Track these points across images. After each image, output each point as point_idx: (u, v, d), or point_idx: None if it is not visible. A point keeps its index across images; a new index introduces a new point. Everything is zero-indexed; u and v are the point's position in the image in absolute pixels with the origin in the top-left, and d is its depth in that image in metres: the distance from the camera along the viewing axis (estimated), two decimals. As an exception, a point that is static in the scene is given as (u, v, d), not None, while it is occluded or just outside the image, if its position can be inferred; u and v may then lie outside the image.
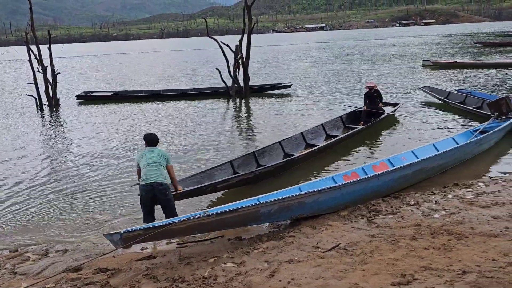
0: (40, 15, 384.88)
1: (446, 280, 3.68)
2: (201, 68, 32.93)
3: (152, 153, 5.73)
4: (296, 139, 9.59)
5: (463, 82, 18.30)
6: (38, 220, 6.58)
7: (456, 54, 32.79)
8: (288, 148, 9.13)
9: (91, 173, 8.72)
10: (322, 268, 4.14)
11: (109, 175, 8.54)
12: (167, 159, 5.81)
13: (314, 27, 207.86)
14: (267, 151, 8.79)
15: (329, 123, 10.77)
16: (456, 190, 6.54)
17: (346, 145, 9.68)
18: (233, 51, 17.50)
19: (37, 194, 7.66)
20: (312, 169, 8.32)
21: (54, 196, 7.53)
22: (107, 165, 9.17)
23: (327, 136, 10.22)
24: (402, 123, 11.43)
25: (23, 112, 16.45)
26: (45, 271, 4.90)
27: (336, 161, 8.78)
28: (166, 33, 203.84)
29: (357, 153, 9.36)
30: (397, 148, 9.16)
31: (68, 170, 9.02)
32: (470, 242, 4.51)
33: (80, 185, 8.05)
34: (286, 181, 7.28)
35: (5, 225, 6.44)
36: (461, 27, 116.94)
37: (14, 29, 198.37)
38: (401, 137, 10.30)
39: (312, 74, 24.76)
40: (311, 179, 7.31)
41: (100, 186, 7.90)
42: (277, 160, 8.32)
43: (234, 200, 5.66)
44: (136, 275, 4.37)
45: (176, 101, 17.49)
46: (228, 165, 7.86)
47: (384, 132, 10.82)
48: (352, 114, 11.56)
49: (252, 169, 7.85)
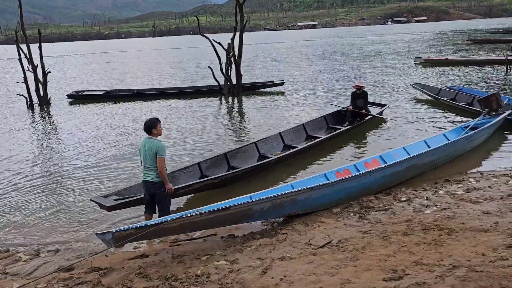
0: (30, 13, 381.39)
1: (437, 275, 3.72)
2: (193, 66, 32.83)
3: (145, 149, 5.56)
4: (273, 140, 9.15)
5: (454, 79, 18.44)
6: (29, 220, 6.53)
7: (447, 51, 33.00)
8: (264, 149, 8.71)
9: (83, 172, 8.66)
10: (315, 265, 4.16)
11: (100, 174, 8.49)
12: (157, 152, 5.46)
13: (306, 25, 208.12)
14: (241, 152, 8.37)
15: (311, 123, 10.32)
16: (447, 186, 6.59)
17: (331, 145, 9.44)
18: (225, 49, 17.46)
19: (27, 194, 7.60)
20: (290, 171, 8.05)
21: (44, 196, 7.47)
22: (99, 164, 9.11)
23: (307, 137, 9.77)
24: (391, 121, 11.29)
25: (13, 111, 16.28)
26: (36, 271, 4.87)
27: (319, 162, 8.58)
28: (158, 31, 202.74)
29: (342, 152, 9.19)
30: (388, 145, 9.17)
31: (59, 169, 8.96)
32: (461, 237, 4.56)
33: (71, 184, 8.00)
34: (260, 185, 6.97)
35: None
36: (452, 24, 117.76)
37: (4, 28, 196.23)
38: (391, 134, 10.31)
39: (305, 71, 24.79)
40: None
41: (91, 185, 7.85)
42: (250, 162, 7.89)
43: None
44: (129, 274, 4.36)
45: (168, 100, 17.42)
46: (196, 167, 7.42)
47: (373, 131, 10.70)
48: (337, 114, 11.16)
49: (223, 171, 7.42)
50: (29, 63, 16.27)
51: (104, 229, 5.58)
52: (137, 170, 8.03)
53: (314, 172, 7.32)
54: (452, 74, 20.08)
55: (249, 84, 18.65)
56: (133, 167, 8.56)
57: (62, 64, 41.92)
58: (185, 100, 17.04)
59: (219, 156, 8.05)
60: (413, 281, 3.64)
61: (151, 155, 5.49)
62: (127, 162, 9.08)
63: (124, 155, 9.67)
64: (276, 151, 8.82)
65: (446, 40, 49.08)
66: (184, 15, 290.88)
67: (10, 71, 34.37)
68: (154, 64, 38.99)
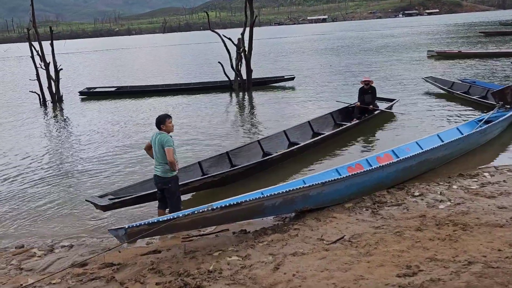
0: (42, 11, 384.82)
1: (452, 271, 3.67)
2: (203, 62, 32.85)
3: (155, 144, 5.57)
4: (277, 138, 8.99)
5: (468, 72, 18.16)
6: (43, 216, 6.60)
7: (460, 44, 32.53)
8: (268, 147, 8.53)
9: (96, 168, 8.73)
10: (327, 260, 4.13)
11: (113, 170, 8.55)
12: (163, 144, 5.42)
13: (316, 19, 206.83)
14: (244, 151, 8.22)
15: (317, 120, 10.11)
16: (461, 181, 6.50)
17: (341, 140, 9.28)
18: (235, 44, 17.41)
19: (41, 190, 7.68)
20: (299, 168, 7.91)
21: (58, 192, 7.54)
22: (112, 160, 9.17)
23: (314, 134, 9.55)
24: (402, 115, 11.09)
25: (26, 108, 16.48)
26: (51, 267, 4.92)
27: (329, 158, 8.48)
28: (168, 27, 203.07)
29: (353, 148, 9.09)
30: (400, 139, 9.02)
31: (72, 165, 9.04)
32: (476, 233, 4.49)
33: (84, 180, 8.07)
34: (262, 183, 6.76)
35: (11, 221, 6.47)
36: (465, 17, 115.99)
37: (16, 26, 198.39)
38: (403, 129, 10.18)
39: (315, 66, 24.64)
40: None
41: (104, 181, 7.91)
42: (253, 161, 7.65)
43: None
44: (142, 270, 4.38)
45: (178, 96, 17.46)
46: (196, 166, 7.29)
47: (384, 126, 10.54)
48: (345, 110, 10.92)
49: (224, 170, 7.19)
50: (42, 61, 16.43)
51: (117, 225, 5.61)
52: (149, 166, 8.08)
53: (323, 169, 7.19)
54: (466, 67, 19.79)
55: (259, 79, 18.61)
56: (145, 163, 8.60)
57: (73, 61, 42.26)
58: (195, 96, 17.06)
59: (221, 154, 7.88)
60: (428, 277, 3.60)
61: (159, 149, 5.52)
62: (139, 158, 9.13)
63: (136, 151, 9.71)
64: (281, 149, 8.57)
65: (459, 32, 48.35)
66: (194, 11, 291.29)
67: (23, 68, 34.77)
68: (164, 60, 39.11)
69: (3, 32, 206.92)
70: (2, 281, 4.48)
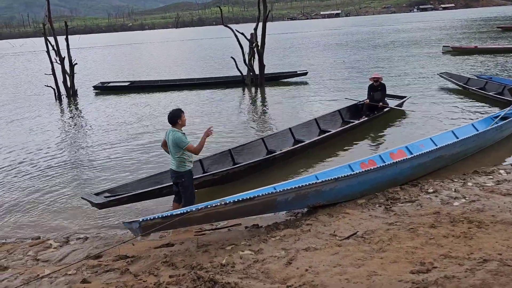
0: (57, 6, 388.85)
1: (467, 268, 3.64)
2: (216, 57, 32.89)
3: (168, 140, 5.62)
4: (282, 135, 8.82)
5: (484, 67, 17.88)
6: (58, 208, 6.72)
7: (477, 39, 32.00)
8: (272, 145, 8.39)
9: (110, 161, 8.83)
10: (340, 256, 4.13)
11: (126, 164, 8.64)
12: (180, 145, 5.47)
13: (329, 14, 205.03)
14: (247, 148, 8.08)
15: (324, 118, 9.88)
16: (476, 178, 6.42)
17: (351, 136, 9.15)
18: (248, 39, 17.38)
19: (56, 182, 7.81)
20: (303, 165, 7.82)
21: (73, 184, 7.66)
22: (125, 154, 9.27)
23: (320, 132, 9.32)
24: (416, 113, 10.93)
25: (42, 102, 16.73)
26: (66, 258, 5.00)
27: (340, 153, 8.42)
28: (181, 22, 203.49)
29: (366, 144, 9.00)
30: (414, 136, 8.92)
31: (87, 159, 9.16)
32: (491, 230, 4.44)
33: (99, 173, 8.18)
34: (265, 181, 6.59)
35: (27, 213, 6.60)
36: (481, 11, 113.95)
37: (32, 21, 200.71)
38: (417, 125, 10.04)
39: (328, 61, 24.49)
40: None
41: (118, 174, 8.00)
42: (256, 158, 7.50)
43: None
44: (155, 262, 4.43)
45: (191, 90, 17.53)
46: (197, 163, 7.07)
47: (397, 122, 10.39)
48: (353, 107, 10.66)
49: (225, 168, 7.04)
50: (57, 55, 16.63)
51: (131, 218, 5.67)
52: (163, 159, 8.15)
53: (331, 166, 7.06)
54: (482, 62, 19.46)
55: (272, 74, 18.56)
56: (159, 156, 8.67)
57: (88, 56, 42.65)
58: (208, 91, 17.10)
59: (224, 152, 7.76)
60: (442, 274, 3.58)
61: (173, 146, 5.56)
62: (152, 152, 9.20)
63: (149, 145, 9.80)
64: (285, 146, 8.38)
65: (475, 27, 47.54)
66: (206, 5, 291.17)
67: (38, 63, 35.20)
68: (177, 55, 39.23)
69: (19, 27, 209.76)
70: (20, 272, 4.57)
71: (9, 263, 4.91)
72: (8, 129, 12.48)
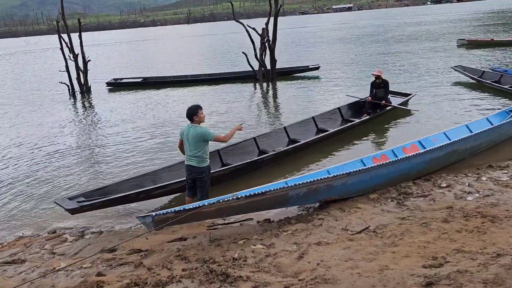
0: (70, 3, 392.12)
1: (480, 263, 3.61)
2: (227, 52, 32.90)
3: (188, 137, 5.61)
4: (276, 135, 8.54)
5: (500, 60, 17.58)
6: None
7: (493, 32, 31.43)
8: (264, 145, 8.08)
9: (124, 157, 8.93)
10: (352, 250, 4.13)
11: (141, 159, 8.74)
12: (206, 138, 5.51)
13: (341, 8, 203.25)
14: (238, 149, 7.78)
15: (322, 116, 9.46)
16: (491, 172, 6.35)
17: (357, 132, 8.95)
18: (260, 34, 17.34)
19: (71, 178, 7.93)
20: (298, 165, 7.62)
21: (87, 179, 7.78)
22: (138, 150, 9.36)
23: (318, 131, 8.97)
24: (427, 107, 10.77)
25: (56, 99, 16.95)
26: (81, 252, 5.10)
27: (352, 148, 8.34)
28: (192, 18, 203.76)
29: (376, 139, 8.92)
30: (428, 130, 8.82)
31: (101, 154, 9.29)
32: (505, 225, 4.39)
33: (113, 168, 8.28)
34: (256, 181, 6.41)
35: (43, 207, 6.72)
36: (498, 3, 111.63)
37: (46, 18, 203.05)
38: (429, 119, 9.90)
39: (340, 55, 24.34)
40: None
41: (131, 169, 8.09)
42: (248, 159, 7.20)
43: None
44: (168, 256, 4.49)
45: (203, 86, 17.60)
46: (181, 166, 6.57)
47: (407, 118, 10.17)
48: (355, 105, 10.24)
49: (215, 169, 6.64)
50: (70, 52, 16.82)
51: (145, 213, 5.74)
52: (174, 153, 8.21)
53: (338, 162, 6.94)
54: (498, 55, 19.15)
55: (283, 69, 18.52)
56: (172, 150, 8.75)
57: (101, 52, 43.00)
58: (220, 86, 17.14)
59: (212, 152, 7.01)
60: (455, 269, 3.56)
61: (195, 142, 5.57)
62: (165, 147, 9.29)
63: (162, 140, 9.88)
64: (279, 146, 8.01)
65: (491, 19, 46.68)
66: (218, 1, 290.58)
67: (52, 60, 35.61)
68: (189, 50, 39.33)
69: (33, 25, 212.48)
70: (36, 265, 4.68)
71: (26, 257, 5.03)
72: (21, 126, 12.67)
